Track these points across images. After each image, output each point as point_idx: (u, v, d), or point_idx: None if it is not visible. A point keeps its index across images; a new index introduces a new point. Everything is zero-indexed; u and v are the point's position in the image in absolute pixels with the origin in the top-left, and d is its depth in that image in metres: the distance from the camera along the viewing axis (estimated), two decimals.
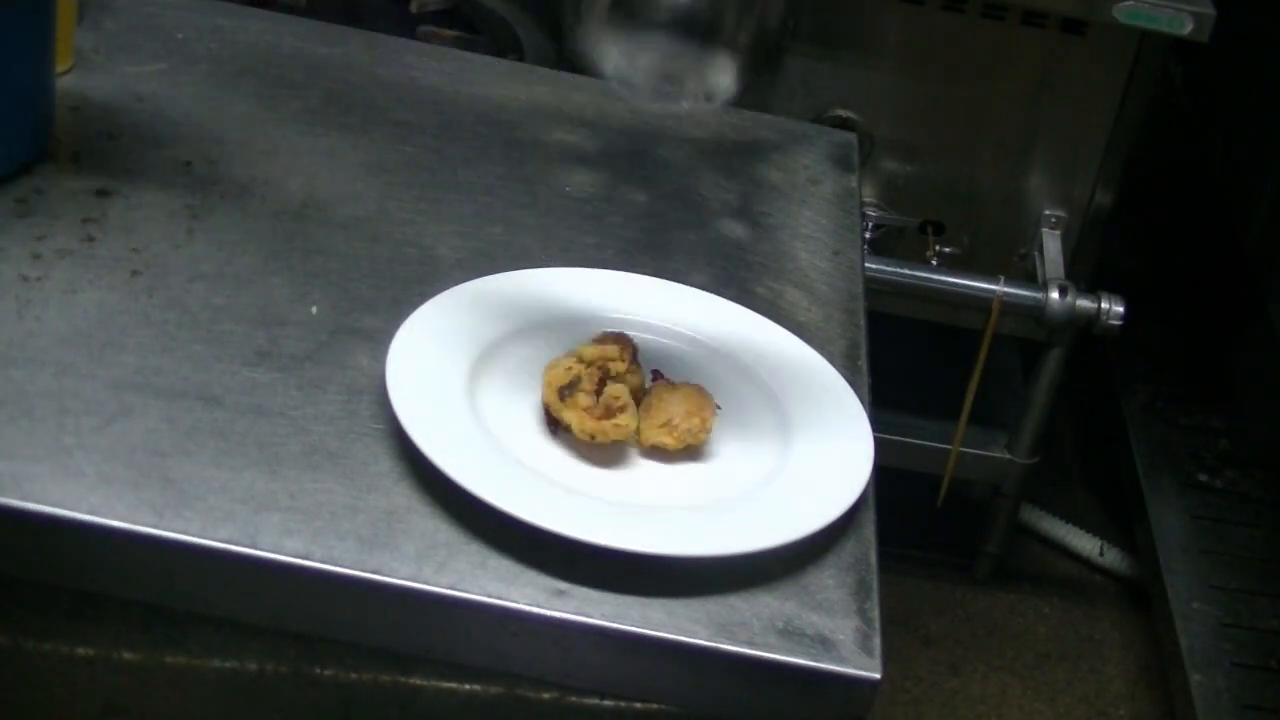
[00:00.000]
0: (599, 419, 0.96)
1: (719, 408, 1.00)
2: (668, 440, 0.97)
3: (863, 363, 1.12)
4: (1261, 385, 2.39)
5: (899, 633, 2.11)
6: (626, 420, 0.97)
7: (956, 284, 1.94)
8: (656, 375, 1.02)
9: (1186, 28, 1.84)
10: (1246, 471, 2.28)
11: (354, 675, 0.92)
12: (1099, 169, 2.00)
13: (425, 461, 0.91)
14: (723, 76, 0.93)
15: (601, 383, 0.97)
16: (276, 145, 1.21)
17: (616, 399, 0.96)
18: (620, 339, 1.00)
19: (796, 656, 0.87)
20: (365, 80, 1.33)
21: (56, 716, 0.95)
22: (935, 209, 2.03)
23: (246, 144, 1.20)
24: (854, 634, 0.88)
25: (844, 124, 1.95)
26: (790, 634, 0.88)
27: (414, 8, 2.07)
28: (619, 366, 0.98)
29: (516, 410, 0.98)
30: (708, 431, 0.98)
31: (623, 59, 0.93)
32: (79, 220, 1.07)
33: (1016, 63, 1.95)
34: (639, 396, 0.99)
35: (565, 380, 0.97)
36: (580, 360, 0.98)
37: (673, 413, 0.97)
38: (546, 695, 0.91)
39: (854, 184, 1.35)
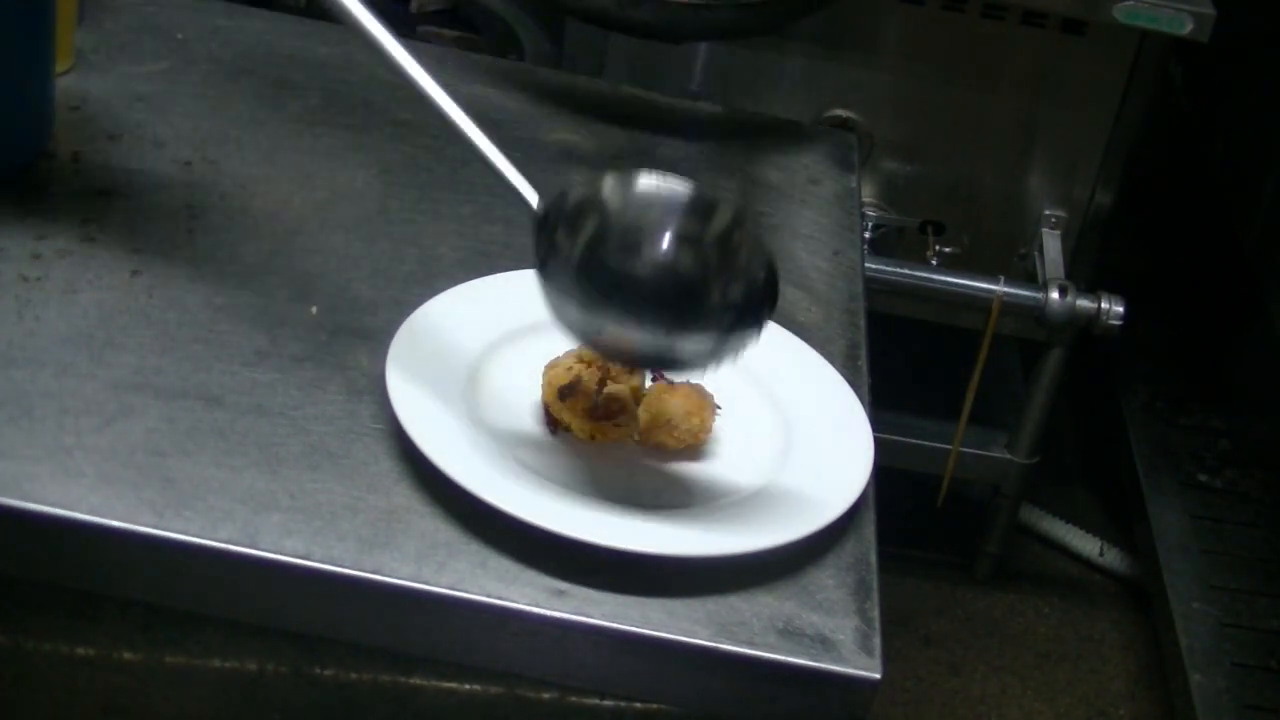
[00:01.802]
0: (599, 419, 0.96)
1: (719, 408, 1.00)
2: (668, 440, 0.97)
3: (863, 363, 1.12)
4: (1261, 385, 2.39)
5: (899, 633, 2.11)
6: (626, 420, 0.97)
7: (956, 284, 1.94)
8: (657, 375, 1.02)
9: (1186, 28, 1.84)
10: (1246, 471, 2.28)
11: (354, 675, 0.92)
12: (1099, 169, 2.00)
13: (425, 461, 0.91)
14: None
15: (601, 383, 0.97)
16: (276, 145, 1.21)
17: (616, 399, 0.96)
18: None
19: (796, 656, 0.87)
20: (365, 80, 1.32)
21: (56, 716, 0.95)
22: (935, 209, 2.03)
23: (246, 144, 1.20)
24: (854, 634, 0.88)
25: (844, 124, 1.95)
26: (790, 634, 0.88)
27: (414, 8, 2.08)
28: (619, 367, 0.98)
29: (516, 410, 0.98)
30: (708, 431, 0.98)
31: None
32: (79, 220, 1.07)
33: (1016, 63, 1.95)
34: (639, 396, 0.99)
35: (565, 380, 0.97)
36: (580, 360, 0.98)
37: (673, 413, 0.97)
38: (546, 695, 0.91)
39: (854, 184, 1.35)
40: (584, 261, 0.92)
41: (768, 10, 1.47)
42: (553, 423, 0.98)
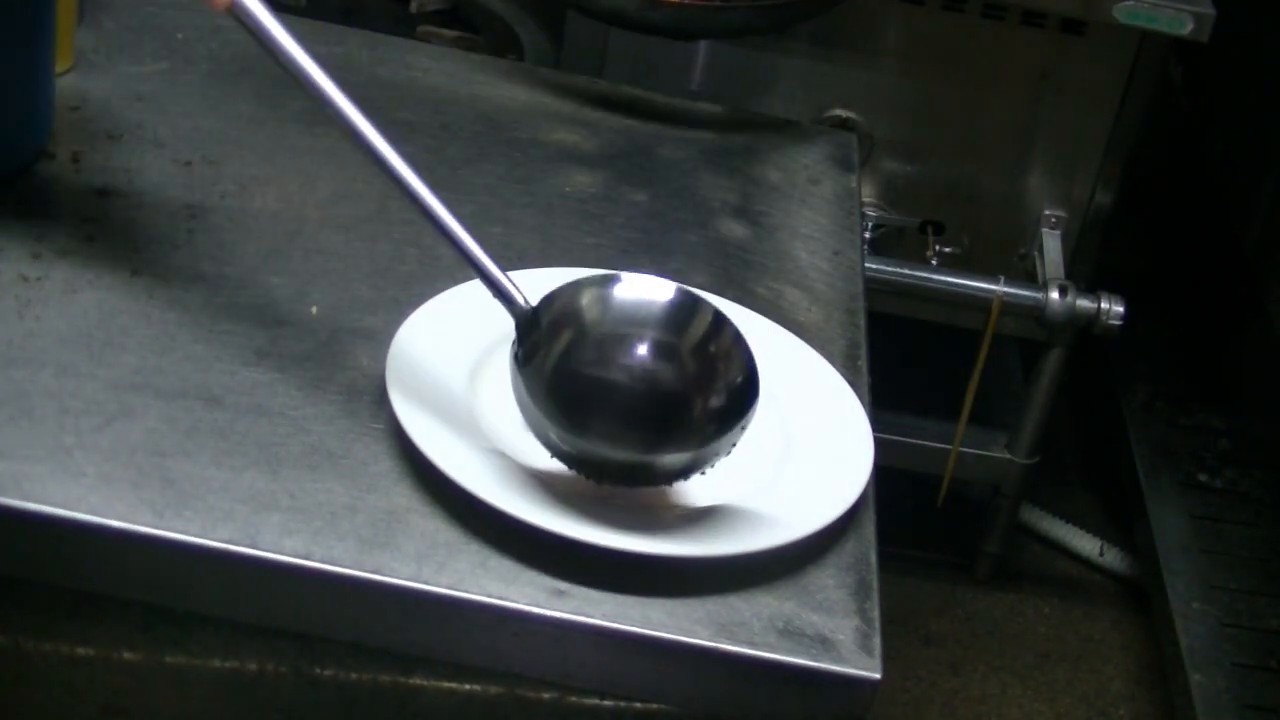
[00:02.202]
0: None
1: None
2: None
3: (863, 363, 1.11)
4: (1261, 385, 2.39)
5: (899, 633, 2.11)
6: None
7: (956, 284, 1.94)
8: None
9: (1186, 28, 1.84)
10: (1246, 471, 2.28)
11: (354, 675, 0.92)
12: (1099, 169, 2.00)
13: (425, 461, 0.91)
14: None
15: None
16: (276, 145, 1.21)
17: None
18: None
19: (796, 656, 0.87)
20: (365, 80, 1.32)
21: (56, 716, 0.95)
22: (935, 209, 2.03)
23: (246, 144, 1.20)
24: (854, 634, 0.88)
25: (844, 124, 1.95)
26: (790, 634, 0.87)
27: (414, 8, 2.07)
28: None
29: (516, 410, 0.98)
30: None
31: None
32: (79, 220, 1.07)
33: (1016, 63, 1.95)
34: None
35: None
36: None
37: None
38: (546, 695, 0.91)
39: (854, 184, 1.35)
40: (558, 375, 0.91)
41: (780, 11, 1.48)
42: None
